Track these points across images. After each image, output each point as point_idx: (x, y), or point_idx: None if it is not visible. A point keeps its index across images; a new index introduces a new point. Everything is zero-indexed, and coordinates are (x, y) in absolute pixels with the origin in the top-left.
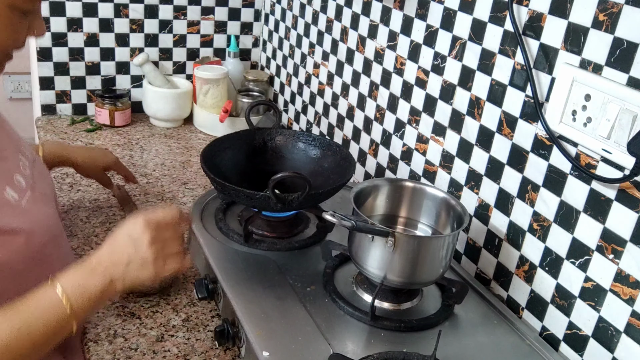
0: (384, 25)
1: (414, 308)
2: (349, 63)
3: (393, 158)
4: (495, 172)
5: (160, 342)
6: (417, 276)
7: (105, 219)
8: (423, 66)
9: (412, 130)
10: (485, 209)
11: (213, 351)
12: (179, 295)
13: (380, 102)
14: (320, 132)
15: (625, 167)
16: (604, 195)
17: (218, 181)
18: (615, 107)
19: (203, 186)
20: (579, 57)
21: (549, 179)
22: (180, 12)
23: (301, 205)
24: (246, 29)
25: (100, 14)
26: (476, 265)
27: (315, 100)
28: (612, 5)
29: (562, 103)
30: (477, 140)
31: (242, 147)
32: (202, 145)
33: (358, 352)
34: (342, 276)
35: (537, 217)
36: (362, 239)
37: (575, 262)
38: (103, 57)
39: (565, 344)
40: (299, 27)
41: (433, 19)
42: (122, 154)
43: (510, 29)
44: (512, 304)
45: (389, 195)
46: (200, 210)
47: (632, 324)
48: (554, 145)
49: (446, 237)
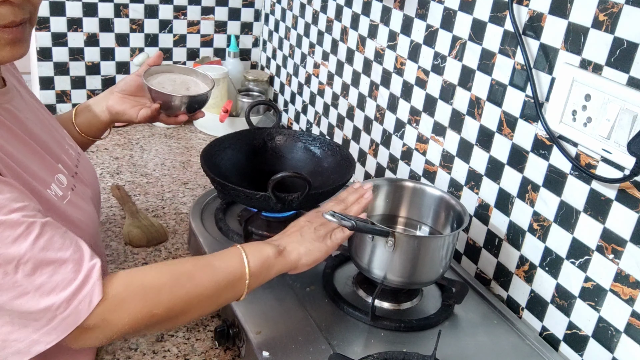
0: (384, 25)
1: (414, 308)
2: (349, 63)
3: (393, 158)
4: (495, 172)
5: (160, 342)
6: (417, 276)
7: (105, 219)
8: (423, 66)
9: (412, 130)
10: (485, 209)
11: (213, 351)
12: None
13: (380, 102)
14: (320, 132)
15: (625, 167)
16: (604, 195)
17: (218, 181)
18: (615, 107)
19: (203, 186)
20: (579, 57)
21: (549, 179)
22: (180, 12)
23: (301, 205)
24: (246, 29)
25: (100, 13)
26: (476, 265)
27: (315, 100)
28: (612, 5)
29: (562, 103)
30: (477, 140)
31: (242, 147)
32: (202, 145)
33: (358, 352)
34: (342, 276)
35: (537, 217)
36: (362, 239)
37: (575, 262)
38: (103, 57)
39: (565, 344)
40: (299, 27)
41: (433, 19)
42: (122, 153)
43: (510, 29)
44: (512, 304)
45: (389, 195)
46: (200, 210)
47: (632, 324)
48: (554, 145)
49: (446, 237)
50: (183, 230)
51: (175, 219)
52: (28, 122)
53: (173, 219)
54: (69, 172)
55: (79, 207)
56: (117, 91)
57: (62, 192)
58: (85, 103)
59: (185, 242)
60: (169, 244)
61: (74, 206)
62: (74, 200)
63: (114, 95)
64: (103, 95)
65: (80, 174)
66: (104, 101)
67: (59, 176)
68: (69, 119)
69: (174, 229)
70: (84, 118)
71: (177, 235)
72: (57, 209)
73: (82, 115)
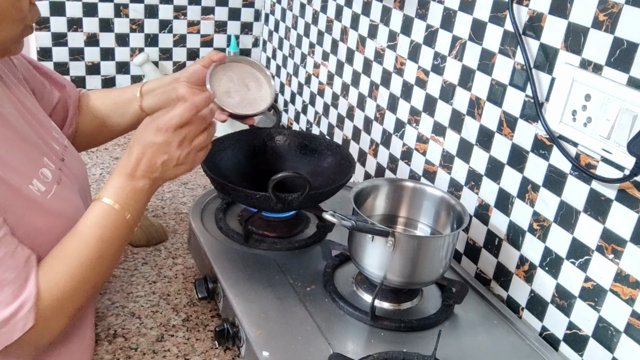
0: (384, 25)
1: (414, 308)
2: (349, 63)
3: (393, 158)
4: (495, 172)
5: (160, 342)
6: (417, 276)
7: None
8: (423, 66)
9: (412, 130)
10: (485, 209)
11: (213, 351)
12: (179, 295)
13: (381, 102)
14: (320, 132)
15: (625, 167)
16: (604, 195)
17: (218, 181)
18: (615, 107)
19: (203, 186)
20: (579, 57)
21: (549, 179)
22: (180, 12)
23: (301, 205)
24: (246, 29)
25: (100, 13)
26: (476, 265)
27: (316, 100)
28: (612, 5)
29: (562, 103)
30: (477, 140)
31: (242, 147)
32: None
33: (358, 352)
34: (342, 276)
35: (537, 217)
36: (362, 239)
37: (575, 262)
38: (103, 57)
39: (565, 344)
40: (299, 27)
41: (433, 19)
42: (122, 153)
43: (510, 29)
44: (512, 304)
45: (389, 195)
46: (200, 210)
47: (632, 324)
48: (554, 145)
49: (446, 237)
50: (183, 230)
51: (175, 219)
52: (10, 117)
53: (173, 218)
54: (55, 165)
55: (65, 200)
56: (184, 81)
57: (45, 187)
58: (148, 85)
59: (185, 242)
60: (169, 244)
61: (60, 199)
62: (60, 193)
63: (182, 85)
64: (168, 82)
65: (67, 167)
66: (172, 90)
67: (43, 170)
68: (130, 99)
69: (174, 228)
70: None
71: (177, 235)
72: (39, 205)
73: (150, 99)
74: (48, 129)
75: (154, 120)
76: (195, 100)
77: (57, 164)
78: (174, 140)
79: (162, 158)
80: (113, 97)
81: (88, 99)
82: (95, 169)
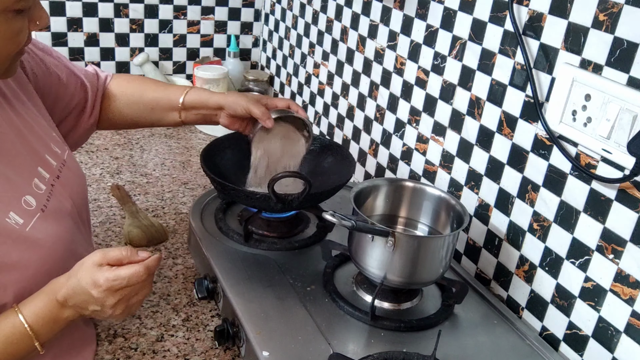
0: (384, 25)
1: (414, 308)
2: (349, 63)
3: (393, 158)
4: (495, 172)
5: (160, 342)
6: (417, 276)
7: (105, 219)
8: (423, 66)
9: (412, 130)
10: (485, 209)
11: (213, 351)
12: (179, 295)
13: (380, 102)
14: (320, 132)
15: (625, 167)
16: (604, 195)
17: (218, 181)
18: (615, 107)
19: (203, 186)
20: (579, 57)
21: (549, 179)
22: (180, 12)
23: (301, 205)
24: (246, 29)
25: (100, 13)
26: (476, 265)
27: (316, 100)
28: (612, 5)
29: (562, 103)
30: (477, 140)
31: (242, 147)
32: (202, 145)
33: (358, 352)
34: (342, 276)
35: (537, 217)
36: (362, 239)
37: (575, 262)
38: (103, 57)
39: (565, 344)
40: (299, 27)
41: (433, 19)
42: (122, 153)
43: (510, 29)
44: (512, 304)
45: (389, 195)
46: (200, 210)
47: (632, 324)
48: (554, 145)
49: (446, 237)
50: (183, 230)
51: (175, 219)
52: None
53: (173, 218)
54: (47, 186)
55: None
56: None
57: (23, 220)
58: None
59: (185, 242)
60: (169, 244)
61: (40, 231)
62: (41, 224)
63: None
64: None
65: (62, 184)
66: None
67: (27, 197)
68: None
69: (174, 228)
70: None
71: (177, 235)
72: (16, 238)
73: (191, 115)
74: (47, 142)
75: (98, 271)
76: (150, 267)
77: (49, 183)
78: (109, 300)
79: (93, 307)
80: (148, 102)
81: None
82: (95, 169)
